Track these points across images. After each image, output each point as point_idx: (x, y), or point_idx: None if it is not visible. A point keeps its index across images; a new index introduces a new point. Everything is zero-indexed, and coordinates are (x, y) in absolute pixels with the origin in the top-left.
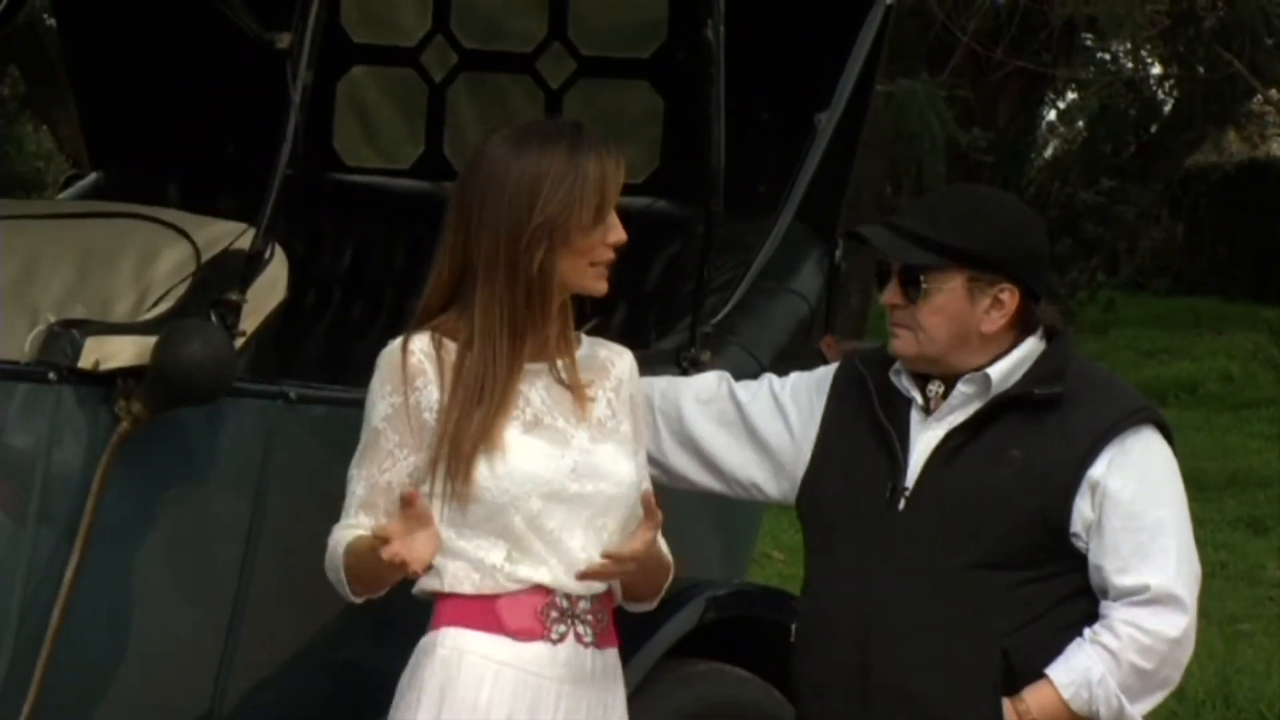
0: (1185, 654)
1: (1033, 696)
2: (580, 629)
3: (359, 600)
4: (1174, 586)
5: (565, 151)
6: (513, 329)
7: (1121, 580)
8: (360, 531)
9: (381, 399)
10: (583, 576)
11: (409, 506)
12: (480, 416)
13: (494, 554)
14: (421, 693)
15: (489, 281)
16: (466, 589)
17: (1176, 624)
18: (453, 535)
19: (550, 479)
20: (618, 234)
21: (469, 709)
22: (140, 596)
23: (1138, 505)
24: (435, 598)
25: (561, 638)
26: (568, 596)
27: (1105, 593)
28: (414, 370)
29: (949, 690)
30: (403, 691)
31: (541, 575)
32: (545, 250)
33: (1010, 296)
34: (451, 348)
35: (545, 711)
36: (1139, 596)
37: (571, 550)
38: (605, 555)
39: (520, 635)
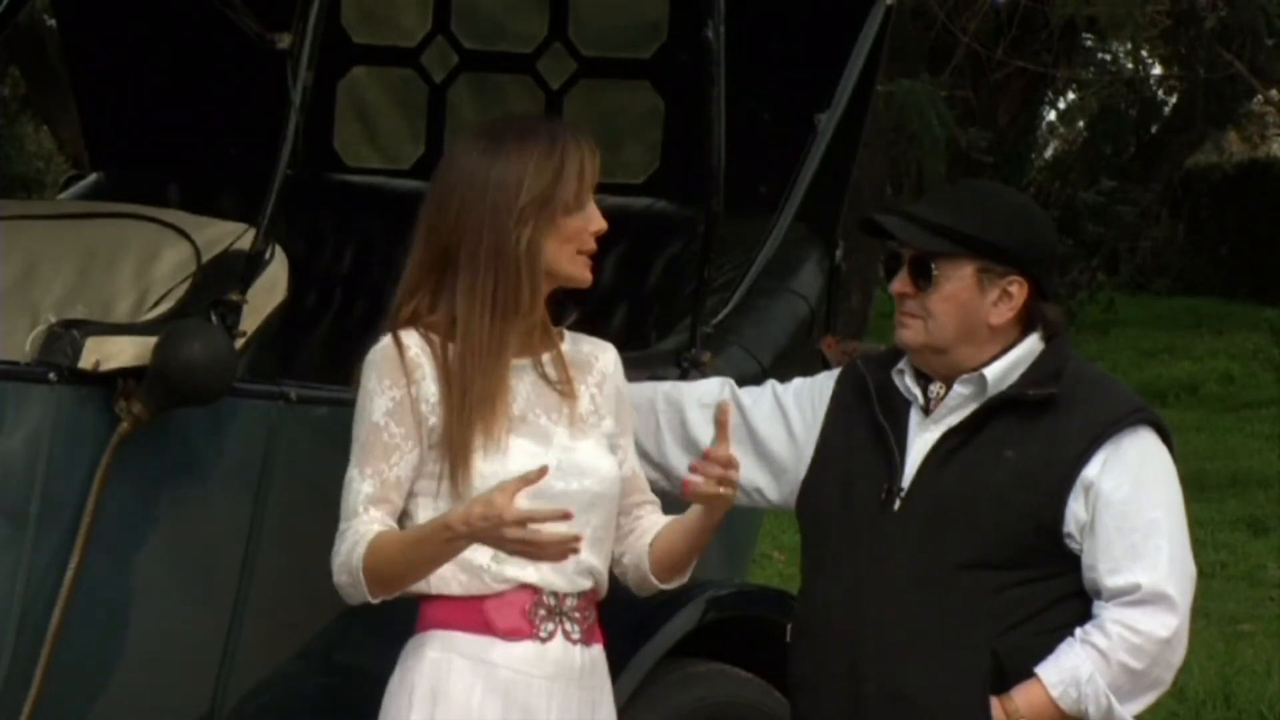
0: (1177, 655)
1: (1021, 695)
2: (568, 626)
3: (375, 601)
4: (1165, 586)
5: (545, 136)
6: (493, 312)
7: (1113, 580)
8: (379, 528)
9: (380, 394)
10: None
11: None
12: (474, 410)
13: (481, 554)
14: (413, 696)
15: (471, 269)
16: (454, 590)
17: (1167, 624)
18: None
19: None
20: (599, 222)
21: (462, 711)
22: (140, 597)
23: (1130, 506)
24: (420, 600)
25: (550, 635)
26: (555, 594)
27: (1098, 594)
28: (412, 364)
29: (939, 690)
30: (393, 694)
31: (529, 575)
32: (533, 229)
33: (1019, 289)
34: (439, 342)
35: (539, 711)
36: (1130, 596)
37: None
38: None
39: (509, 635)
